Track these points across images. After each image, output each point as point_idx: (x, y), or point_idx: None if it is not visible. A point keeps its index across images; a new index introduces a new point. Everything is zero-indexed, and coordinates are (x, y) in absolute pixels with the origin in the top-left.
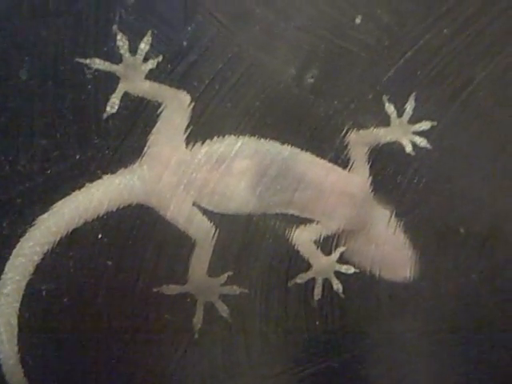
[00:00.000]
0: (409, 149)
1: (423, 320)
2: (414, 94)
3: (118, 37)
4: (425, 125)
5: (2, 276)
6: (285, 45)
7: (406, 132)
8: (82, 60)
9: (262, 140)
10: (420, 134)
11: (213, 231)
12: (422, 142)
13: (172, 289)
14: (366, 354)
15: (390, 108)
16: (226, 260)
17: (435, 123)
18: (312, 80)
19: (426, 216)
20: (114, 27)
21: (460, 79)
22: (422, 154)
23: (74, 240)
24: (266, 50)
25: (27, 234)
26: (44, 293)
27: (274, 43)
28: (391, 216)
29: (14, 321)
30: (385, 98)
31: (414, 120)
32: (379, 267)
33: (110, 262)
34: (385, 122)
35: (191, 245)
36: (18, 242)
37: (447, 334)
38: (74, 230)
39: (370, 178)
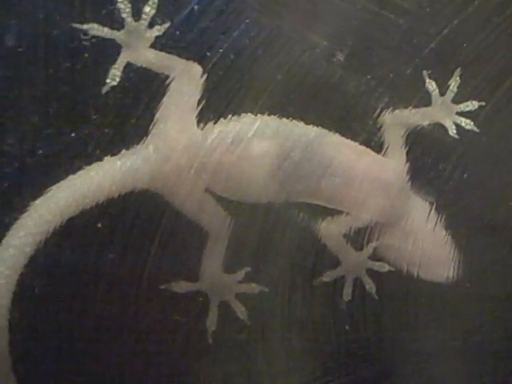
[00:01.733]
0: (452, 131)
1: (467, 327)
2: (459, 69)
3: None
4: (471, 105)
5: None
6: (313, 11)
7: (449, 113)
8: (78, 25)
9: (284, 119)
10: (465, 115)
11: (228, 221)
12: (467, 124)
13: (182, 286)
14: (401, 365)
15: (432, 85)
16: (244, 254)
17: (483, 103)
18: (344, 54)
19: (470, 210)
20: None
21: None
22: (468, 138)
23: (71, 230)
24: (290, 16)
25: (17, 223)
26: (37, 290)
27: (299, 7)
28: (431, 209)
29: (5, 321)
30: (425, 73)
31: (458, 99)
32: (417, 266)
33: (111, 255)
34: (425, 100)
35: (203, 236)
36: (7, 231)
37: (495, 343)
38: (71, 219)
39: (407, 164)
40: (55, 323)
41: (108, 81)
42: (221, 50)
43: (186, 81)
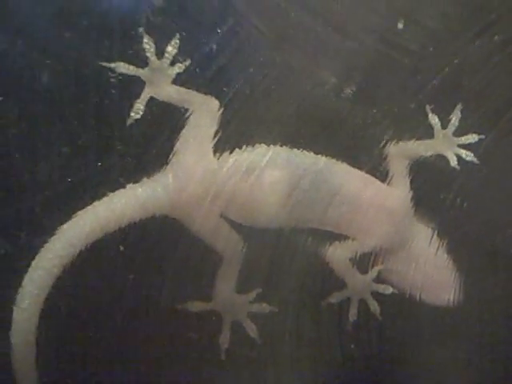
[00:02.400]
0: (454, 162)
1: (468, 348)
2: (459, 104)
3: (145, 39)
4: (471, 138)
5: (20, 289)
6: (323, 50)
7: (450, 145)
8: (106, 64)
9: (295, 150)
10: (466, 147)
11: (241, 245)
12: (468, 155)
13: (197, 306)
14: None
15: (434, 119)
16: (255, 276)
17: (483, 136)
18: (352, 90)
19: (471, 236)
20: (141, 29)
21: (511, 90)
22: (468, 169)
23: (95, 253)
24: (302, 54)
25: (46, 246)
26: (63, 307)
27: (311, 48)
28: (433, 234)
29: (32, 337)
30: (428, 107)
31: (459, 133)
32: (420, 289)
33: (131, 276)
34: (428, 133)
35: (218, 259)
36: (36, 253)
37: (497, 364)
38: (95, 242)
39: (411, 192)
40: (80, 340)
41: (132, 114)
42: (237, 86)
43: (204, 114)
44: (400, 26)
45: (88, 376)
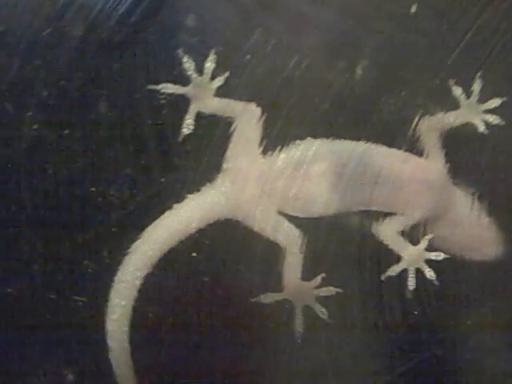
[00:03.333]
0: (482, 128)
1: None
2: (479, 73)
3: (184, 59)
4: (495, 102)
5: (109, 303)
6: (346, 45)
7: (476, 112)
8: (154, 86)
9: (336, 140)
10: (491, 111)
11: (300, 237)
12: (494, 119)
13: (269, 297)
14: (468, 338)
15: (458, 91)
16: (318, 262)
17: (505, 99)
18: (377, 77)
19: (508, 193)
20: (180, 51)
21: None
22: (497, 131)
23: (171, 261)
24: (327, 51)
25: (126, 260)
26: (150, 315)
27: (335, 44)
28: (474, 199)
29: (127, 344)
30: (451, 81)
31: (483, 99)
32: (468, 250)
33: (206, 279)
34: (454, 105)
35: (282, 252)
36: (118, 268)
37: None
38: (170, 251)
39: (447, 163)
40: (169, 342)
41: (184, 130)
42: (275, 90)
43: (248, 120)
44: (413, 9)
45: (179, 376)
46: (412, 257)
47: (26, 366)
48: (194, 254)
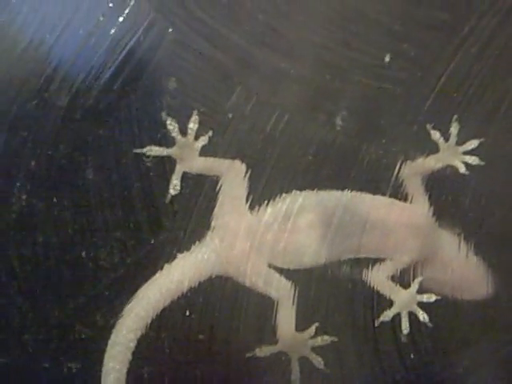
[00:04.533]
0: (462, 169)
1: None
2: (455, 116)
3: (168, 121)
4: (473, 143)
5: (103, 368)
6: (324, 98)
7: (456, 154)
8: (139, 150)
9: (321, 191)
10: (470, 152)
11: (292, 288)
12: (473, 160)
13: (265, 350)
14: (465, 378)
15: (436, 135)
16: (311, 312)
17: (483, 139)
18: (357, 127)
19: (494, 231)
20: (163, 114)
21: (497, 91)
22: (477, 171)
23: (164, 321)
24: (307, 105)
25: (119, 324)
26: (146, 375)
27: (314, 98)
28: (460, 239)
29: None
30: (429, 126)
31: (461, 141)
32: (459, 290)
33: (201, 336)
34: (434, 149)
35: (275, 305)
36: (112, 331)
37: None
38: (163, 311)
39: (431, 206)
40: None
41: (171, 191)
42: (259, 146)
43: (234, 177)
44: (387, 59)
45: None
46: (404, 301)
47: None
48: (188, 313)
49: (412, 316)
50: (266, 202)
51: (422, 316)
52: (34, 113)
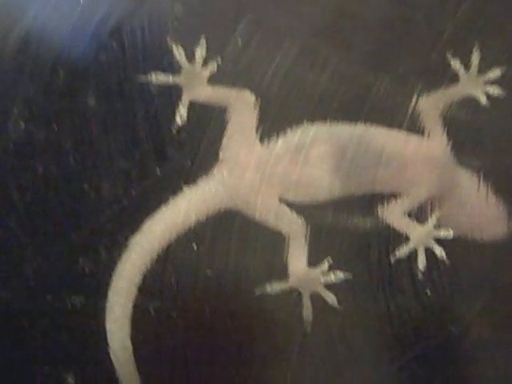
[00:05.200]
0: (483, 100)
1: None
2: (477, 44)
3: (174, 48)
4: (495, 72)
5: (108, 302)
6: (335, 27)
7: (477, 84)
8: (143, 77)
9: (334, 123)
10: (492, 82)
11: (304, 224)
12: (495, 90)
13: (275, 287)
14: (480, 317)
15: (456, 63)
16: (324, 249)
17: (505, 68)
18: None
19: None
20: (168, 39)
21: None
22: (498, 103)
23: (171, 255)
24: (320, 33)
25: (124, 257)
26: (152, 311)
27: (325, 28)
28: (478, 177)
29: (129, 343)
30: (449, 54)
31: (483, 70)
32: (477, 230)
33: (209, 272)
34: (454, 79)
35: (286, 240)
36: (116, 265)
37: None
38: (169, 246)
39: (449, 140)
40: (172, 337)
41: (178, 120)
42: (270, 74)
43: (243, 108)
44: None
45: (183, 375)
46: (421, 236)
47: (25, 369)
48: (195, 247)
49: (429, 254)
50: (276, 133)
51: (440, 252)
52: (33, 38)
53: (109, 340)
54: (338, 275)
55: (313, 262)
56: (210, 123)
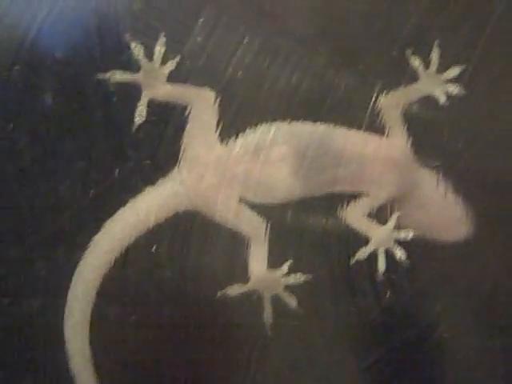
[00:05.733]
0: (443, 100)
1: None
2: (436, 41)
3: (133, 45)
4: (454, 71)
5: (66, 307)
6: (296, 23)
7: (436, 82)
8: (102, 75)
9: (295, 122)
10: (451, 81)
11: (264, 225)
12: (454, 89)
13: (236, 289)
14: (441, 318)
15: (416, 61)
16: (284, 250)
17: (464, 66)
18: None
19: (473, 167)
20: (127, 36)
21: (482, 13)
22: (457, 102)
23: (130, 257)
24: (281, 30)
25: (83, 260)
26: (111, 316)
27: (286, 23)
28: (438, 175)
29: (87, 349)
30: (408, 51)
31: (442, 69)
32: (437, 230)
33: (169, 273)
34: (413, 77)
35: (246, 241)
36: (74, 268)
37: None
38: (128, 248)
39: (409, 139)
40: (131, 340)
41: (137, 119)
42: (230, 71)
43: (203, 106)
44: None
45: (144, 378)
46: (381, 237)
47: None
48: (154, 248)
49: (389, 255)
50: (237, 131)
51: (399, 253)
52: None
53: (67, 345)
54: (299, 277)
55: (273, 262)
56: (169, 122)
